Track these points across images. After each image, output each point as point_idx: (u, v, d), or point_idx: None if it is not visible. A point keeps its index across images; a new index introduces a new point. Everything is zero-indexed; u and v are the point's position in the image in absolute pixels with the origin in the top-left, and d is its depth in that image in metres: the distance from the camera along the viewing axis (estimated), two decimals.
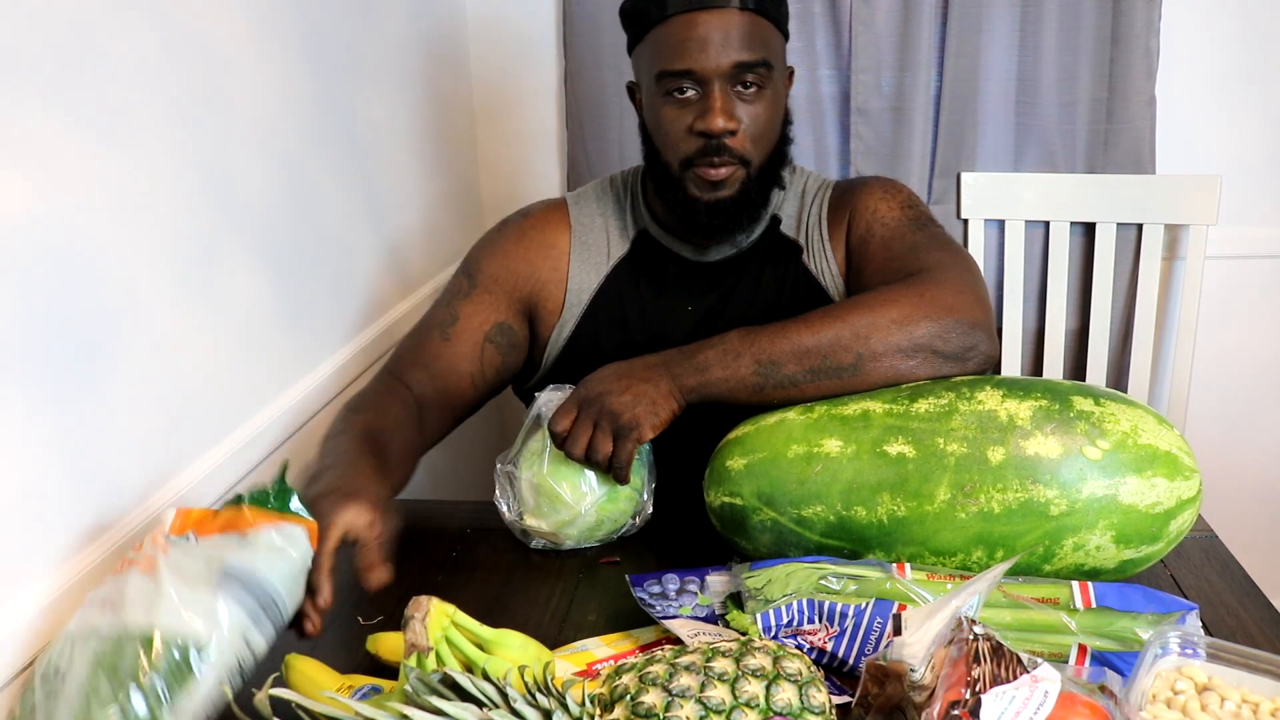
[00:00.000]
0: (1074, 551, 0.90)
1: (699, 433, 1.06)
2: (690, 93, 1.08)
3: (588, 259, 1.22)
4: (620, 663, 0.74)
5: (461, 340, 1.19)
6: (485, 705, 0.65)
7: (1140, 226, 1.77)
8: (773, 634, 0.86)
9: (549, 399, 1.09)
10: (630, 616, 0.95)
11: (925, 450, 0.91)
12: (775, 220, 1.22)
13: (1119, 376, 1.84)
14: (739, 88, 1.08)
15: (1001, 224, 1.81)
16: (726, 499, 0.99)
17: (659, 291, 1.21)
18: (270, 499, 0.82)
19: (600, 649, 0.90)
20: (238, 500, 0.81)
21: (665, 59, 1.08)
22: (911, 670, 0.69)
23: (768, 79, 1.09)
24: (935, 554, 0.92)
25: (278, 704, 0.65)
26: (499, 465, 1.09)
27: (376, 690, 0.81)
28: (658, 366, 1.02)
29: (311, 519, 0.81)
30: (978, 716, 0.63)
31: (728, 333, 1.02)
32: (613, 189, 1.26)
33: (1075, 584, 0.87)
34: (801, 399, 0.99)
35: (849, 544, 0.94)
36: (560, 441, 1.03)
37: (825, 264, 1.19)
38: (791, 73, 1.19)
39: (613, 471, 1.02)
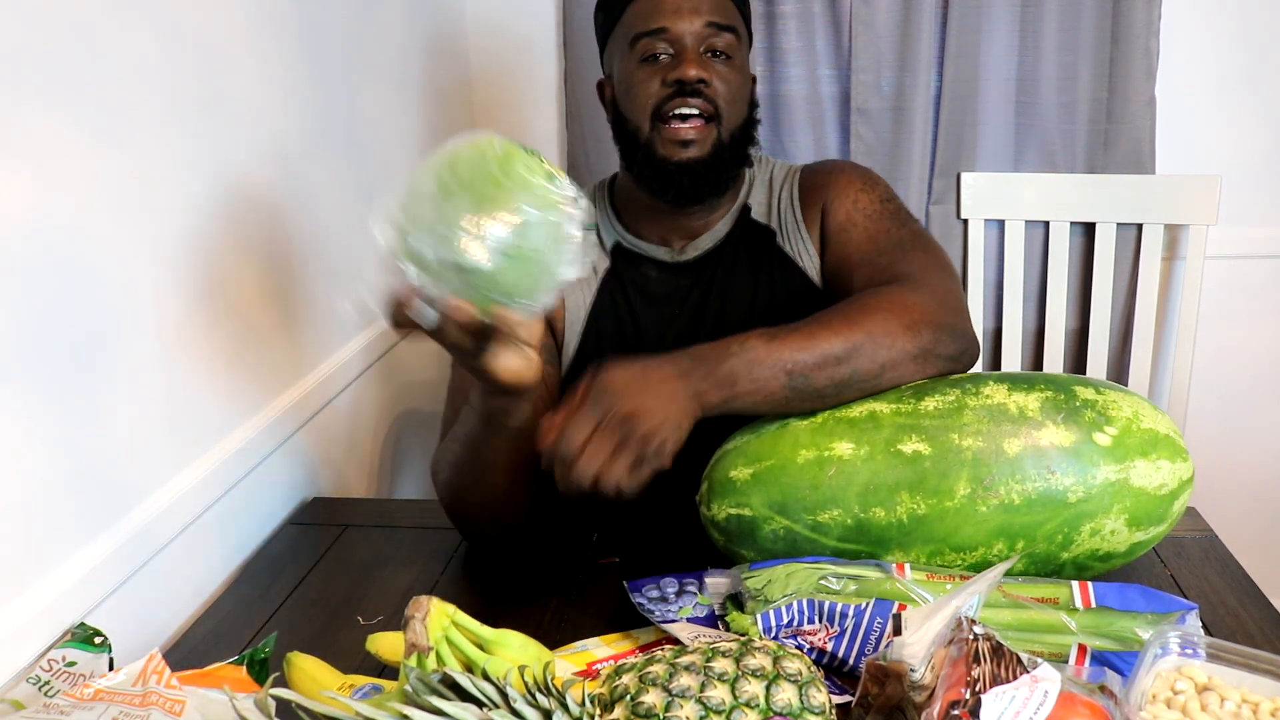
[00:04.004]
0: (1091, 537, 0.91)
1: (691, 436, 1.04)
2: (664, 56, 1.12)
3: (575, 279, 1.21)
4: (620, 663, 0.74)
5: None
6: (485, 705, 0.65)
7: (1140, 226, 1.77)
8: (773, 634, 0.86)
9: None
10: (630, 617, 0.95)
11: (941, 446, 0.91)
12: (745, 209, 1.22)
13: (1119, 376, 1.84)
14: (709, 55, 1.12)
15: (1001, 224, 1.81)
16: (733, 510, 0.96)
17: (645, 297, 1.21)
18: (254, 662, 0.84)
19: (600, 649, 0.90)
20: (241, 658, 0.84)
21: (640, 24, 1.12)
22: (911, 670, 0.69)
23: (736, 50, 1.14)
24: (955, 550, 0.92)
25: (278, 703, 0.65)
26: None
27: (377, 690, 0.81)
28: (676, 379, 0.92)
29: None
30: (978, 716, 0.63)
31: (746, 338, 0.94)
32: None
33: (1075, 584, 0.87)
34: (823, 408, 0.97)
35: (867, 547, 0.93)
36: (568, 458, 0.88)
37: (801, 244, 1.19)
38: (754, 79, 1.21)
39: (619, 497, 0.88)
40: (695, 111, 1.11)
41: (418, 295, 0.79)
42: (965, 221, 1.81)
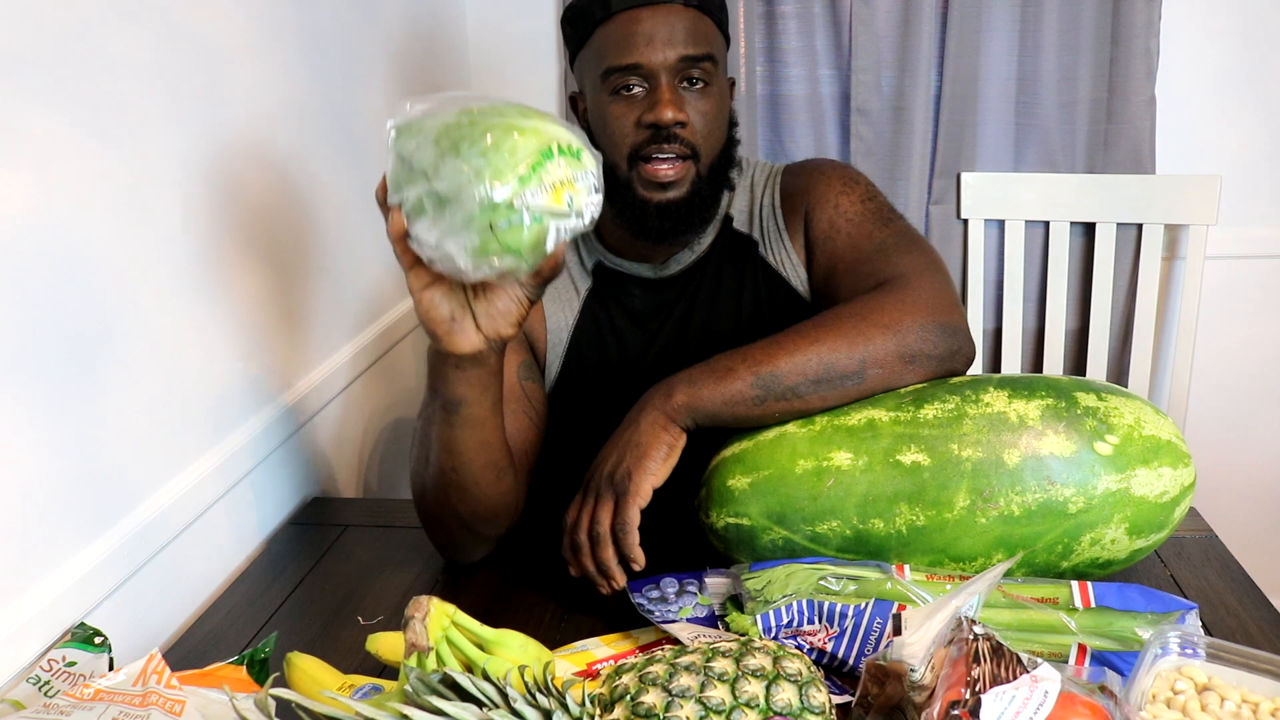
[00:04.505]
0: (1091, 546, 0.90)
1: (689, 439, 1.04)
2: (637, 90, 1.08)
3: (558, 299, 1.21)
4: (620, 663, 0.74)
5: (507, 399, 1.13)
6: (485, 705, 0.65)
7: (1140, 226, 1.77)
8: (773, 635, 0.86)
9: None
10: (630, 616, 0.95)
11: (940, 457, 0.90)
12: (728, 219, 1.21)
13: (1119, 377, 1.84)
14: (685, 84, 1.08)
15: (1001, 224, 1.81)
16: (732, 520, 0.96)
17: (629, 316, 1.20)
18: (254, 662, 0.84)
19: (600, 649, 0.90)
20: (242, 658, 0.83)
21: (611, 56, 1.08)
22: (911, 670, 0.69)
23: (713, 75, 1.09)
24: (955, 560, 0.92)
25: (278, 703, 0.65)
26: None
27: (377, 690, 0.81)
28: (635, 409, 0.99)
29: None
30: (978, 716, 0.63)
31: (712, 357, 0.99)
32: None
33: (1075, 584, 0.87)
34: (805, 411, 0.97)
35: (866, 558, 0.93)
36: (566, 530, 0.98)
37: (784, 254, 1.18)
38: (733, 82, 1.18)
39: (618, 542, 0.94)
40: (673, 155, 1.08)
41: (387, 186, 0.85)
42: (965, 221, 1.81)
